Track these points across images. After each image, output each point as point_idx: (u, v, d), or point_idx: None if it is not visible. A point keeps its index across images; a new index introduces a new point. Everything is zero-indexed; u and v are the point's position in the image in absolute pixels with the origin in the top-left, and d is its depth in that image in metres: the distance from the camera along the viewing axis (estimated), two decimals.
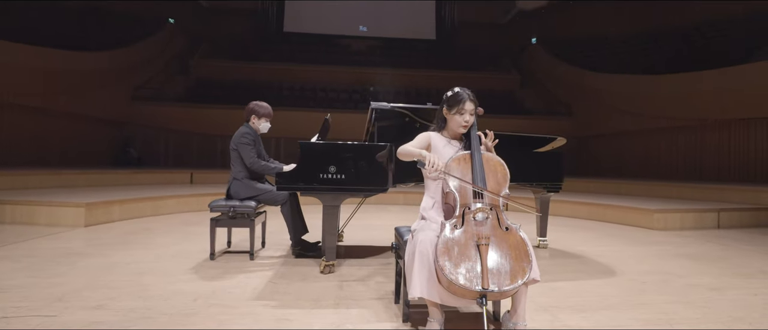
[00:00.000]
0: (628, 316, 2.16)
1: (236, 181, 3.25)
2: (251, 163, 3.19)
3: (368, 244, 3.95)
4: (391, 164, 2.83)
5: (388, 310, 2.18)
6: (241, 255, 3.33)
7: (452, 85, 2.13)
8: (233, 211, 3.14)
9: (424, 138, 2.08)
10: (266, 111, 3.35)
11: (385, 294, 2.44)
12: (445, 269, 1.67)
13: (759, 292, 2.61)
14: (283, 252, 3.49)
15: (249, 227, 3.16)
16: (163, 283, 2.56)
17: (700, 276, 2.97)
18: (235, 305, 2.21)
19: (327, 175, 2.74)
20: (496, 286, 1.63)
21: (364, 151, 2.78)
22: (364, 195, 2.86)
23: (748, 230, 5.13)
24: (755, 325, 2.09)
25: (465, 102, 2.00)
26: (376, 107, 2.83)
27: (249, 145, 3.21)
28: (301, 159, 2.76)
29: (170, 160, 11.15)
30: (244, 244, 3.61)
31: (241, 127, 3.31)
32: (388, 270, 2.98)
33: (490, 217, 1.82)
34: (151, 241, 3.79)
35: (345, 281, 2.68)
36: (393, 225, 5.15)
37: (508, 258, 1.71)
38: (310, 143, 2.81)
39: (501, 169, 2.00)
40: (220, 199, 3.26)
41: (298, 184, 2.76)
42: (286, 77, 13.70)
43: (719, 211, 5.39)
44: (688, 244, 4.15)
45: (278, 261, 3.19)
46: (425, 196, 2.13)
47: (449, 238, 1.75)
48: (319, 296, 2.38)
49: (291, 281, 2.65)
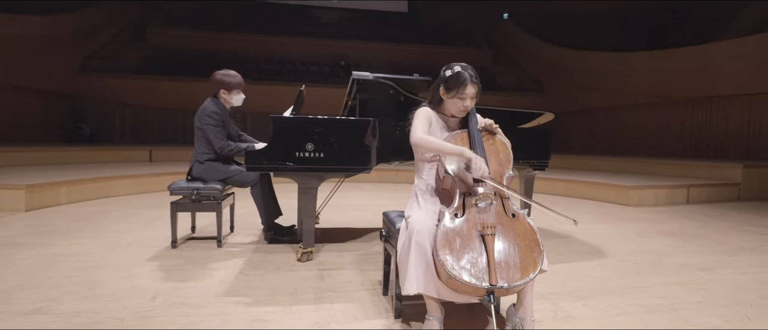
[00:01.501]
0: (629, 301, 2.05)
1: (199, 163, 2.90)
2: (220, 149, 2.83)
3: (346, 226, 3.72)
4: (374, 141, 2.57)
5: (377, 304, 1.97)
6: (208, 242, 3.02)
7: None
8: (197, 194, 2.81)
9: (425, 117, 1.82)
10: (237, 81, 2.94)
11: (371, 284, 2.23)
12: (447, 264, 1.46)
13: (748, 271, 2.59)
14: (255, 237, 3.21)
15: (216, 212, 2.85)
16: (116, 278, 2.23)
17: (686, 255, 2.93)
18: (200, 304, 1.93)
19: (303, 153, 2.46)
20: (505, 281, 1.44)
21: (346, 127, 2.51)
22: (344, 175, 2.60)
23: (716, 205, 5.26)
24: (755, 306, 2.03)
25: (467, 86, 1.72)
26: (358, 78, 2.54)
27: (216, 127, 2.83)
28: (274, 136, 2.46)
29: (127, 136, 10.39)
30: (211, 229, 3.30)
31: (207, 103, 2.89)
32: (371, 256, 2.76)
33: (494, 204, 1.61)
34: (103, 228, 3.40)
35: (325, 270, 2.45)
36: (369, 204, 4.98)
37: (517, 249, 1.51)
38: (283, 118, 2.51)
39: (503, 150, 1.79)
40: (182, 180, 2.91)
41: (270, 163, 2.47)
42: (252, 49, 12.97)
43: (689, 187, 5.50)
44: (665, 221, 4.17)
45: (249, 248, 2.91)
46: (417, 179, 1.90)
47: (450, 228, 1.54)
48: (298, 289, 2.14)
49: (265, 272, 2.39)
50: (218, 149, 2.83)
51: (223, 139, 2.83)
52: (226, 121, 2.91)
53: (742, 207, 5.10)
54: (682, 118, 9.43)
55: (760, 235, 3.56)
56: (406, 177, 7.13)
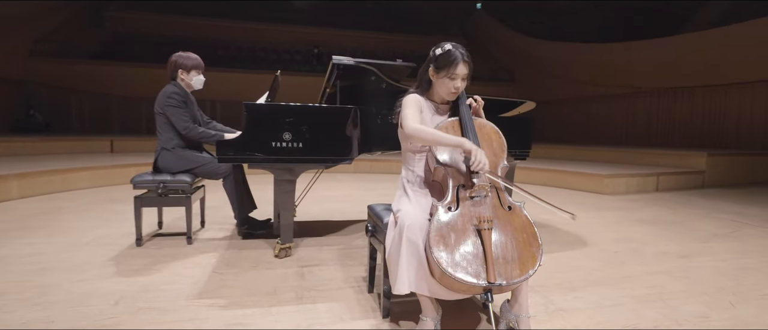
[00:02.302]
0: (618, 292, 2.02)
1: (166, 151, 2.69)
2: (186, 130, 2.63)
3: (324, 219, 3.58)
4: (356, 130, 2.44)
5: (363, 303, 1.85)
6: (177, 238, 2.82)
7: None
8: (164, 188, 2.60)
9: (415, 104, 1.70)
10: (194, 62, 2.75)
11: (355, 281, 2.11)
12: (442, 261, 1.36)
13: (724, 258, 2.63)
14: (228, 232, 3.02)
15: (185, 206, 2.65)
16: (73, 282, 2.02)
17: (664, 242, 2.97)
18: (170, 307, 1.77)
19: (280, 143, 2.30)
20: (503, 278, 1.36)
21: (326, 115, 2.36)
22: (324, 166, 2.46)
23: (684, 192, 5.44)
24: (737, 293, 2.05)
25: (458, 64, 1.61)
26: (339, 63, 2.39)
27: (178, 108, 2.64)
28: (248, 124, 2.28)
29: (86, 125, 9.80)
30: (179, 224, 3.10)
31: (167, 86, 2.70)
32: (353, 250, 2.64)
33: (489, 196, 1.52)
34: (58, 226, 3.12)
35: (305, 266, 2.31)
36: (346, 196, 4.85)
37: (514, 243, 1.43)
38: (258, 105, 2.33)
39: (496, 138, 1.70)
40: (147, 172, 2.69)
41: (244, 154, 2.29)
42: (221, 34, 12.46)
43: (658, 175, 5.65)
44: (639, 209, 4.25)
45: (222, 244, 2.73)
46: (405, 170, 1.79)
47: (444, 223, 1.44)
48: (277, 288, 2.00)
49: (240, 270, 2.23)
50: (182, 130, 2.64)
51: (186, 121, 2.64)
52: (188, 101, 2.72)
53: (708, 194, 5.28)
54: (648, 108, 9.74)
55: (729, 222, 3.67)
56: (383, 167, 7.03)
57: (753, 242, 3.02)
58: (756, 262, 2.56)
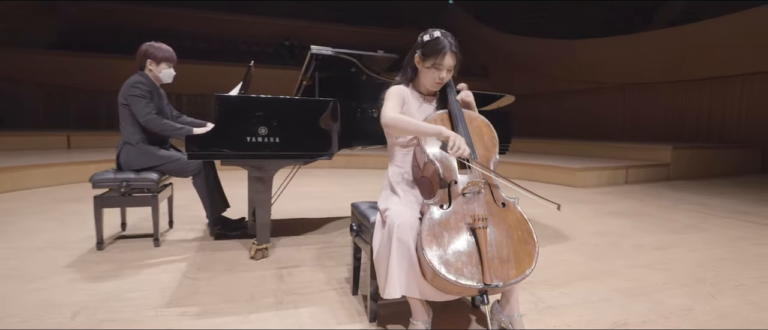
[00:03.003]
0: (603, 287, 2.02)
1: (129, 146, 2.50)
2: (146, 120, 2.44)
3: (301, 216, 3.45)
4: (336, 124, 2.33)
5: (347, 306, 1.76)
6: (142, 241, 2.63)
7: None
8: (127, 186, 2.41)
9: (398, 96, 1.61)
10: (166, 54, 2.58)
11: (337, 283, 2.01)
12: (435, 263, 1.28)
13: (697, 249, 2.70)
14: (199, 233, 2.85)
15: (151, 206, 2.47)
16: (25, 292, 1.83)
17: (640, 235, 3.02)
18: (137, 318, 1.62)
19: (256, 138, 2.16)
20: (500, 279, 1.30)
21: (305, 108, 2.24)
22: (303, 162, 2.34)
23: (652, 184, 5.61)
24: (715, 284, 2.09)
25: (445, 54, 1.54)
26: (317, 53, 2.27)
27: (142, 98, 2.44)
28: (221, 118, 2.13)
29: (41, 120, 9.19)
30: (145, 225, 2.90)
31: (133, 76, 2.51)
32: (333, 250, 2.54)
33: (483, 192, 1.46)
34: (8, 228, 2.86)
35: (284, 268, 2.20)
36: (323, 192, 4.73)
37: (510, 241, 1.38)
38: (231, 97, 2.18)
39: (487, 131, 1.64)
40: (109, 170, 2.49)
41: (217, 150, 2.14)
42: (187, 25, 11.94)
43: (627, 168, 5.81)
44: (612, 202, 4.34)
45: (193, 246, 2.57)
46: (391, 166, 1.70)
47: (436, 222, 1.37)
48: (255, 293, 1.87)
49: (214, 274, 2.09)
50: (143, 121, 2.44)
51: (149, 111, 2.45)
52: (154, 93, 2.54)
53: (674, 186, 5.47)
54: (614, 103, 10.06)
55: (696, 213, 3.80)
56: (360, 161, 6.92)
57: (721, 233, 3.12)
58: (727, 253, 2.63)
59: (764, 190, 5.12)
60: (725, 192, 5.00)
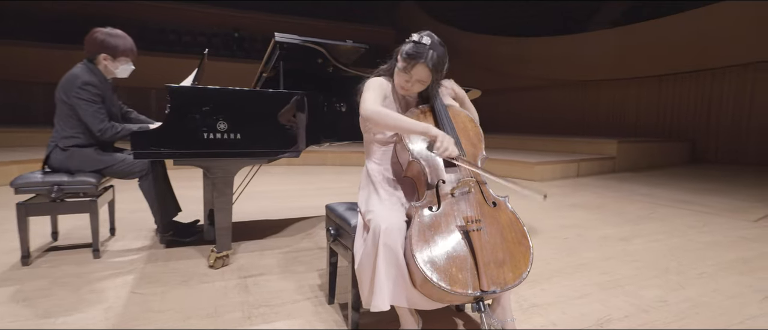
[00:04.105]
0: (580, 281, 2.02)
1: (61, 151, 2.15)
2: (101, 131, 2.11)
3: (260, 218, 3.23)
4: (303, 119, 2.16)
5: (324, 317, 1.62)
6: (79, 252, 2.31)
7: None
8: (59, 191, 2.09)
9: (380, 88, 1.48)
10: (126, 46, 2.22)
11: (311, 291, 1.86)
12: (427, 270, 1.18)
13: (657, 238, 2.81)
14: (147, 241, 2.56)
15: (89, 212, 2.16)
16: None
17: (603, 227, 3.11)
18: None
19: (214, 134, 1.94)
20: (496, 284, 1.21)
21: (270, 101, 2.05)
22: (267, 159, 2.14)
23: (600, 177, 5.89)
24: (680, 273, 2.15)
25: (416, 64, 1.40)
26: (282, 41, 2.08)
27: (93, 103, 2.10)
28: (174, 112, 1.89)
29: None
30: (82, 234, 2.57)
31: (79, 70, 2.13)
32: (300, 254, 2.37)
33: (473, 192, 1.37)
34: None
35: (249, 277, 2.00)
36: (281, 191, 4.49)
37: (504, 243, 1.29)
38: (186, 88, 1.94)
39: (472, 127, 1.55)
40: (35, 172, 2.15)
41: (169, 148, 1.90)
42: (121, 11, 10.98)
43: (579, 162, 6.06)
44: (569, 194, 4.48)
45: (141, 256, 2.29)
46: (369, 164, 1.57)
47: (426, 225, 1.26)
48: (219, 307, 1.68)
49: (168, 288, 1.86)
50: (98, 132, 2.12)
51: (102, 121, 2.12)
52: (106, 96, 2.20)
53: (622, 178, 5.77)
54: (562, 99, 10.53)
55: (646, 203, 4.00)
56: (318, 158, 6.70)
57: (672, 222, 3.29)
58: (682, 241, 2.76)
59: (698, 180, 5.53)
60: (666, 183, 5.33)
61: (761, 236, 2.91)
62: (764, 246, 2.68)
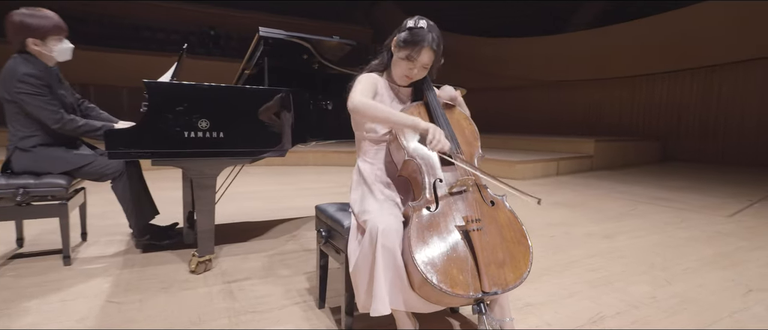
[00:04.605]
0: (570, 279, 2.02)
1: (22, 153, 2.01)
2: (58, 124, 1.97)
3: (242, 220, 3.12)
4: (290, 117, 2.08)
5: (315, 322, 1.55)
6: (48, 259, 2.17)
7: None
8: (25, 194, 1.96)
9: (370, 83, 1.44)
10: (50, 23, 2.01)
11: (299, 295, 1.79)
12: (427, 273, 1.13)
13: (637, 235, 2.86)
14: (122, 246, 2.43)
15: (59, 216, 2.03)
16: None
17: (587, 224, 3.14)
18: None
19: (196, 133, 1.85)
20: (498, 285, 1.18)
21: (255, 98, 1.96)
22: (251, 159, 2.06)
23: (579, 175, 6.00)
24: (666, 268, 2.19)
25: (422, 49, 1.37)
26: (267, 35, 2.00)
27: (39, 95, 1.93)
28: (153, 108, 1.79)
29: None
30: (50, 239, 2.42)
31: (14, 62, 1.95)
32: (286, 257, 2.29)
33: (471, 191, 1.34)
34: None
35: (233, 282, 1.92)
36: (261, 192, 4.38)
37: (504, 243, 1.27)
38: (165, 84, 1.84)
39: (467, 125, 1.52)
40: None
41: (147, 147, 1.80)
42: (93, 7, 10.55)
43: (559, 161, 6.16)
44: (552, 193, 4.53)
45: (116, 262, 2.17)
46: (362, 163, 1.52)
47: (425, 226, 1.22)
48: (203, 315, 1.59)
49: (147, 295, 1.76)
50: (54, 125, 1.97)
51: (56, 112, 1.96)
52: (52, 84, 2.01)
53: (600, 176, 5.89)
54: (541, 99, 10.71)
55: (626, 200, 4.08)
56: (298, 159, 6.58)
57: (652, 218, 3.36)
58: (663, 238, 2.81)
59: (672, 178, 5.70)
60: (642, 180, 5.47)
61: (736, 231, 3.00)
62: (740, 240, 2.77)
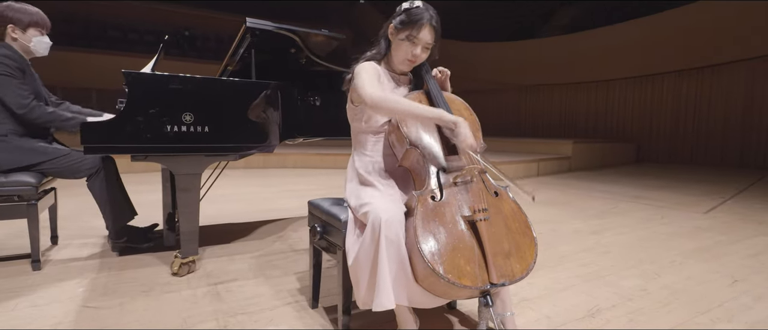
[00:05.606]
0: (563, 274, 2.02)
1: None
2: (24, 109, 1.86)
3: (223, 221, 3.01)
4: (278, 111, 2.01)
5: (309, 322, 1.49)
6: (15, 264, 2.02)
7: None
8: None
9: (373, 71, 1.38)
10: (33, 16, 1.99)
11: (290, 295, 1.71)
12: (434, 263, 1.09)
13: (622, 231, 2.90)
14: (96, 248, 2.29)
15: (27, 218, 1.89)
16: None
17: (573, 221, 3.17)
18: None
19: (179, 127, 1.76)
20: (505, 276, 1.15)
21: (241, 91, 1.89)
22: (237, 155, 1.98)
23: (559, 175, 6.11)
24: (653, 262, 2.22)
25: (423, 27, 1.35)
26: (254, 26, 1.93)
27: (12, 77, 1.85)
28: (133, 100, 1.69)
29: None
30: (16, 244, 2.26)
31: None
32: (273, 257, 2.21)
33: (475, 181, 1.31)
34: None
35: (220, 283, 1.82)
36: (242, 193, 4.26)
37: (509, 233, 1.24)
38: (147, 75, 1.75)
39: (468, 114, 1.49)
40: None
41: (127, 142, 1.69)
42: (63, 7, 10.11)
43: (539, 161, 6.25)
44: (536, 191, 4.55)
45: (91, 265, 2.03)
46: (359, 156, 1.47)
47: (430, 216, 1.18)
48: (188, 318, 1.50)
49: (127, 299, 1.65)
50: (19, 109, 1.86)
51: (26, 96, 1.87)
52: (27, 72, 1.95)
53: (579, 176, 6.01)
54: (517, 101, 10.90)
55: (607, 199, 4.16)
56: (277, 160, 6.45)
57: (634, 215, 3.43)
58: (647, 233, 2.86)
59: (647, 178, 5.86)
60: (619, 180, 5.61)
61: (713, 226, 3.09)
62: (718, 235, 2.84)
